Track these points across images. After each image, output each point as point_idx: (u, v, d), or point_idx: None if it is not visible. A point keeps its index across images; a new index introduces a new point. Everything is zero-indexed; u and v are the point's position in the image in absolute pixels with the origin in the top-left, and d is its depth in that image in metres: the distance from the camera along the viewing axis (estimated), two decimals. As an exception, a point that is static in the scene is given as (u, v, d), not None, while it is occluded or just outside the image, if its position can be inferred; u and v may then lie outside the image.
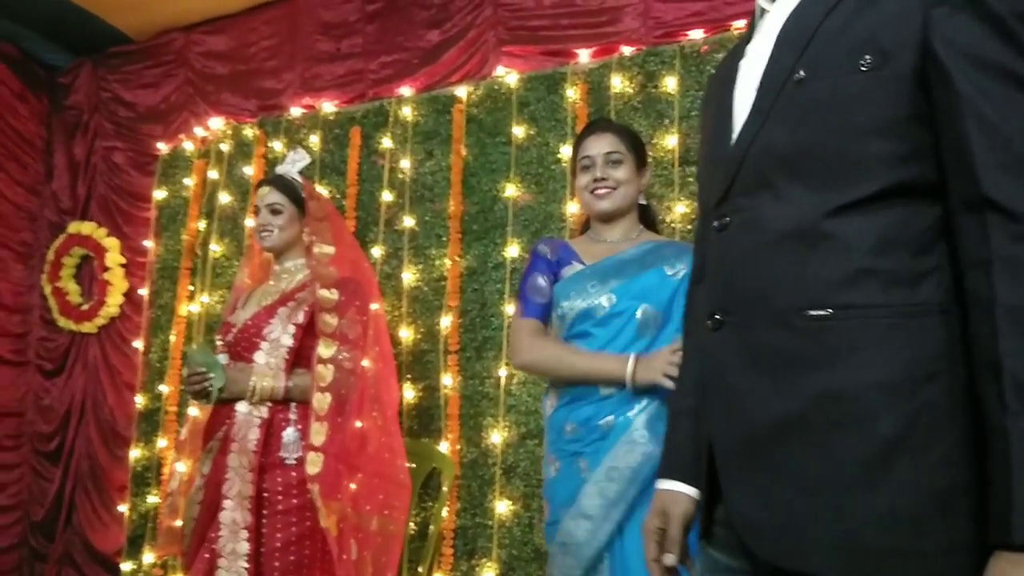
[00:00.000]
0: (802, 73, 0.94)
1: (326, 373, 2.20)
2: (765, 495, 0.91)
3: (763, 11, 1.09)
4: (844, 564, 0.84)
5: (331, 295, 2.30)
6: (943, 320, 0.86)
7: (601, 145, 1.92)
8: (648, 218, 2.05)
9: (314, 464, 2.12)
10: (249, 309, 2.40)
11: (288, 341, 2.28)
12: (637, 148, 1.97)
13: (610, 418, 1.72)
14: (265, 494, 2.15)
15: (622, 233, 1.94)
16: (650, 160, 2.99)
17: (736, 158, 1.00)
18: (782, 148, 0.95)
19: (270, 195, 2.44)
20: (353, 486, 2.20)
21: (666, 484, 1.11)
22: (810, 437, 0.88)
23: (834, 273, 0.89)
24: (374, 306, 2.84)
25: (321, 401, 2.17)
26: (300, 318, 2.31)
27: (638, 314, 1.78)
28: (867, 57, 0.89)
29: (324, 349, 2.23)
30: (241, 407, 2.23)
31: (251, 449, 2.16)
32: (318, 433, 2.14)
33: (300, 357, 2.29)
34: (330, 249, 2.39)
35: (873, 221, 0.89)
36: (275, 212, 2.42)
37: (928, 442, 0.83)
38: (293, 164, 2.56)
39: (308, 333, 2.30)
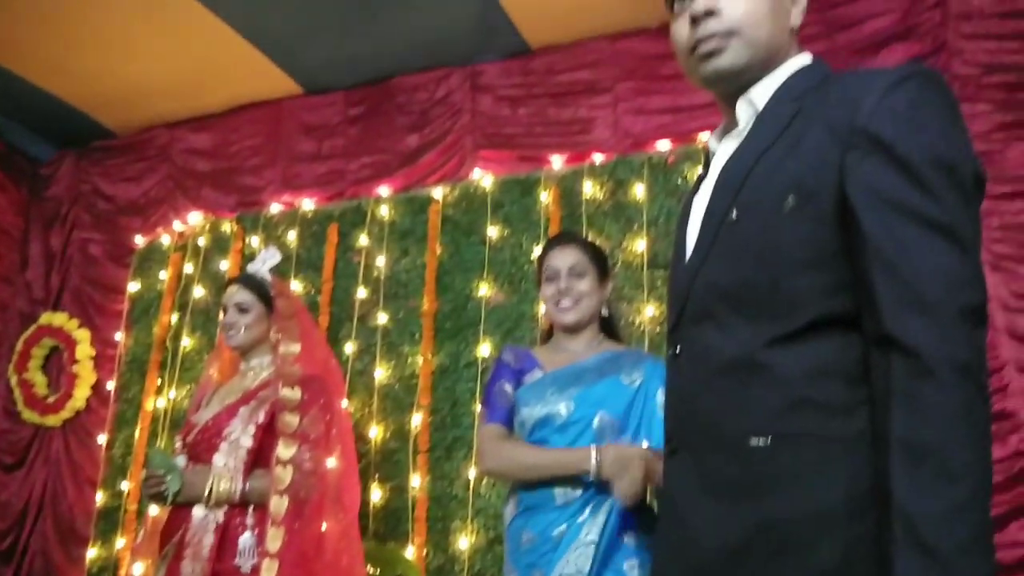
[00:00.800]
0: (735, 213, 1.00)
1: (285, 475, 2.16)
2: None
3: (713, 152, 1.17)
4: None
5: (294, 394, 2.28)
6: (879, 451, 0.87)
7: (565, 258, 1.98)
8: (609, 328, 2.10)
9: (269, 571, 2.05)
10: (211, 409, 2.38)
11: (248, 442, 2.25)
12: (599, 261, 2.03)
13: (563, 527, 1.72)
14: None
15: (584, 343, 1.99)
16: (619, 264, 3.09)
17: (684, 290, 1.06)
18: (722, 282, 1.00)
19: (238, 294, 2.46)
20: None
21: None
22: (753, 566, 0.90)
23: (773, 403, 0.92)
24: (343, 403, 2.84)
25: (279, 505, 2.12)
26: (261, 418, 2.28)
27: (595, 422, 1.82)
28: (791, 198, 0.95)
29: (284, 450, 2.19)
30: (197, 511, 2.18)
31: (205, 556, 2.10)
32: (274, 538, 2.08)
33: (260, 458, 2.25)
34: (296, 347, 2.39)
35: (807, 352, 0.93)
36: (242, 311, 2.43)
37: (863, 574, 0.85)
38: (264, 262, 2.60)
39: (268, 433, 2.26)
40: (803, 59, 1.11)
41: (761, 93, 1.07)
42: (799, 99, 1.02)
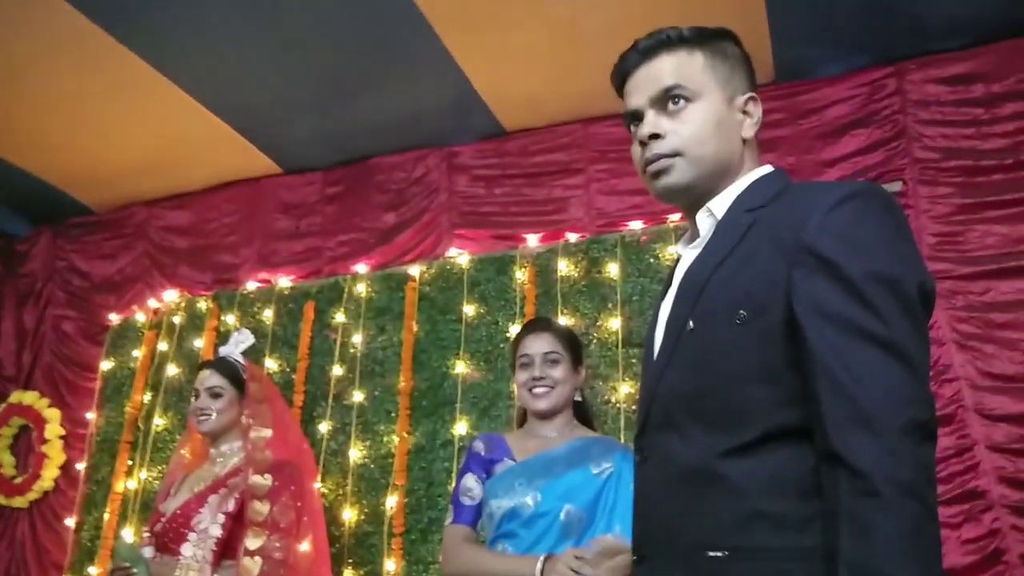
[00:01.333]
0: (691, 324, 1.02)
1: (252, 567, 2.13)
2: None
3: (679, 258, 1.20)
4: None
5: (264, 481, 2.26)
6: (828, 567, 0.87)
7: (540, 345, 2.01)
8: (583, 414, 2.10)
9: None
10: (180, 497, 2.34)
11: (217, 531, 2.22)
12: (574, 347, 2.06)
13: None
14: None
15: (556, 429, 2.00)
16: (594, 341, 3.11)
17: (648, 397, 1.08)
18: (681, 390, 1.02)
19: (211, 378, 2.45)
20: None
21: None
22: None
23: (728, 515, 0.93)
24: (316, 484, 2.79)
25: None
26: (230, 506, 2.25)
27: (562, 515, 1.81)
28: (742, 312, 0.97)
29: (252, 540, 2.16)
30: None
31: None
32: None
33: (228, 548, 2.22)
34: (267, 432, 2.38)
35: (760, 464, 0.93)
36: (215, 396, 2.42)
37: None
38: (236, 345, 2.59)
39: (238, 522, 2.24)
40: (763, 170, 1.13)
41: (720, 204, 1.10)
42: (755, 211, 1.04)
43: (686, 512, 0.97)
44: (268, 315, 3.72)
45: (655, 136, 1.09)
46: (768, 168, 1.14)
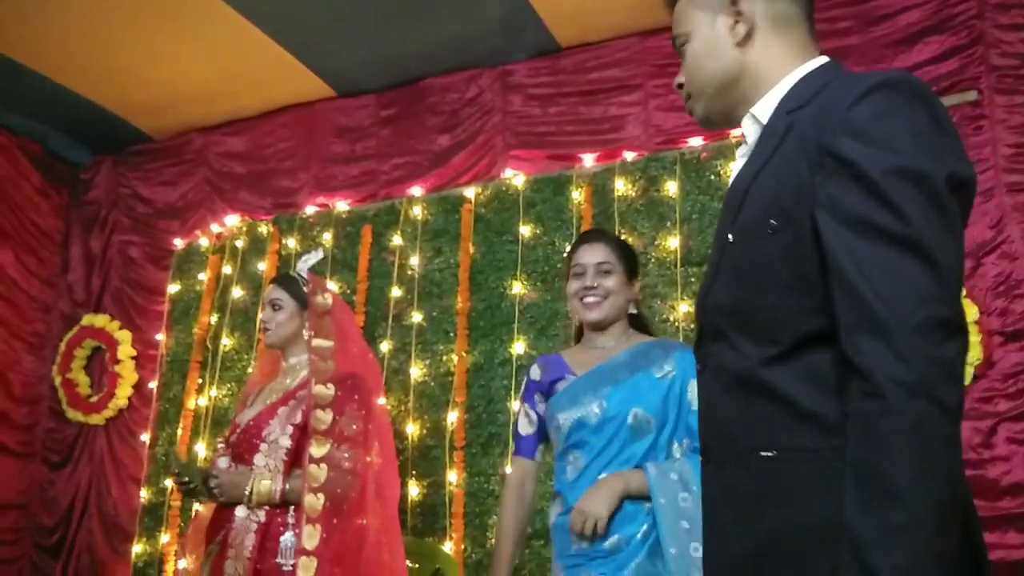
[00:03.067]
0: (731, 237, 1.03)
1: (319, 473, 2.16)
2: None
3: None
4: None
5: (327, 391, 2.27)
6: None
7: (593, 255, 1.97)
8: (640, 326, 2.07)
9: (306, 570, 2.05)
10: (254, 409, 2.41)
11: (286, 442, 2.26)
12: (628, 259, 2.01)
13: (614, 539, 1.74)
14: None
15: (614, 339, 1.98)
16: (652, 261, 3.09)
17: (700, 310, 1.11)
18: (724, 303, 1.04)
19: (272, 292, 2.49)
20: None
21: None
22: (764, 570, 0.94)
23: (776, 418, 0.95)
24: (380, 400, 2.84)
25: (314, 503, 2.12)
26: (298, 418, 2.29)
27: (629, 419, 1.82)
28: (773, 222, 0.96)
29: (316, 448, 2.19)
30: (239, 511, 2.21)
31: (247, 556, 2.13)
32: (311, 537, 2.08)
33: (299, 458, 2.26)
34: (328, 343, 2.39)
35: (801, 369, 0.94)
36: (276, 308, 2.45)
37: None
38: (305, 262, 2.63)
39: (306, 433, 2.26)
40: (813, 64, 1.08)
41: (764, 108, 1.07)
42: (794, 112, 1.01)
43: (738, 416, 1.00)
44: (327, 238, 3.78)
45: (681, 86, 1.18)
46: (819, 61, 1.08)
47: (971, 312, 2.63)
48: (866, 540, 0.81)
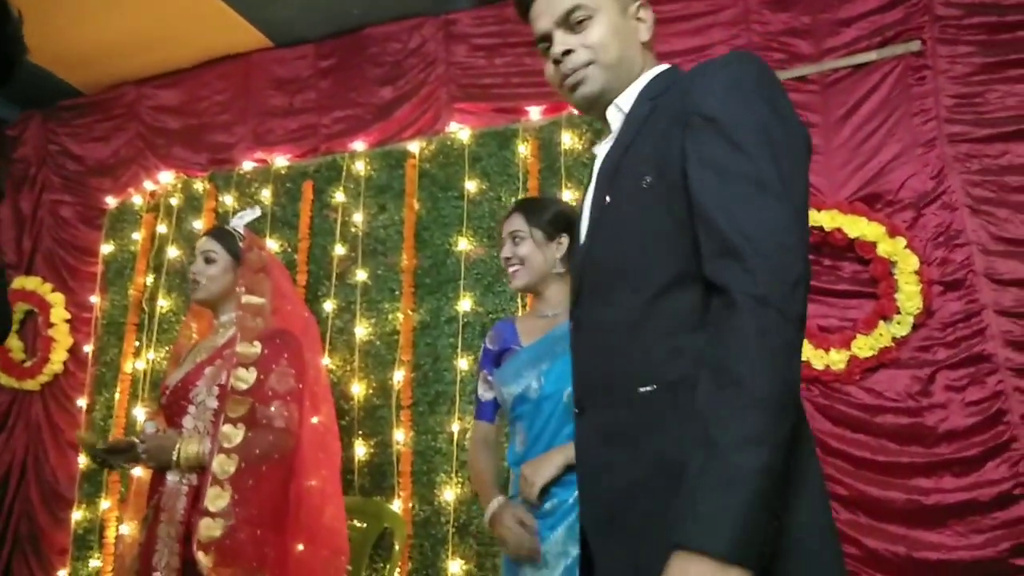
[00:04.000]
0: (608, 198, 1.15)
1: (233, 434, 2.08)
2: (621, 552, 1.05)
3: (595, 158, 1.31)
4: None
5: (252, 349, 2.18)
6: None
7: (508, 225, 2.05)
8: None
9: (209, 529, 1.98)
10: (183, 369, 2.31)
11: (213, 403, 2.18)
12: (543, 221, 2.01)
13: (553, 502, 1.83)
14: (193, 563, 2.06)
15: (555, 304, 2.00)
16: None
17: (577, 270, 1.21)
18: (603, 258, 1.15)
19: (205, 243, 2.38)
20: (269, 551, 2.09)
21: None
22: (652, 496, 1.02)
23: (654, 355, 1.06)
24: (325, 361, 2.77)
25: (225, 464, 2.04)
26: (223, 378, 2.20)
27: (564, 397, 1.85)
28: (647, 178, 1.09)
29: (232, 409, 2.10)
30: (171, 476, 2.14)
31: (178, 519, 2.07)
32: (218, 498, 2.01)
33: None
34: (259, 300, 2.29)
35: (675, 308, 1.05)
36: (208, 261, 2.34)
37: None
38: (241, 218, 2.52)
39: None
40: (660, 67, 1.25)
41: (626, 99, 1.22)
42: (654, 99, 1.16)
43: (616, 361, 1.09)
44: (266, 195, 3.66)
45: (567, 52, 1.22)
46: (665, 65, 1.26)
47: (911, 262, 2.65)
48: (711, 419, 0.91)
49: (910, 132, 2.79)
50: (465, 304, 3.19)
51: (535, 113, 3.31)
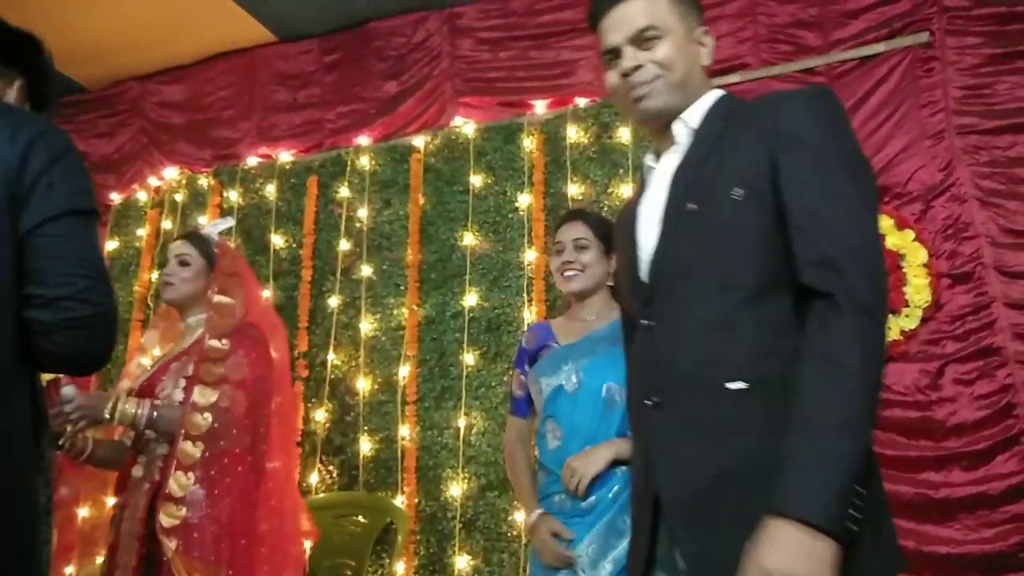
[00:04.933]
0: (694, 205, 1.22)
1: (201, 422, 2.04)
2: (711, 536, 1.12)
3: (651, 169, 1.38)
4: None
5: (221, 345, 2.16)
6: None
7: (571, 232, 2.12)
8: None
9: (171, 517, 1.95)
10: (150, 370, 2.32)
11: (179, 395, 2.15)
12: (605, 236, 2.11)
13: (592, 499, 1.88)
14: (158, 556, 2.02)
15: (595, 312, 2.09)
16: (606, 208, 3.05)
17: (653, 272, 1.26)
18: (687, 262, 1.22)
19: (180, 247, 2.37)
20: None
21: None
22: (744, 487, 1.10)
23: (745, 355, 1.14)
24: (330, 356, 2.72)
25: (191, 451, 2.02)
26: (190, 370, 2.18)
27: (603, 391, 1.93)
28: (738, 190, 1.17)
29: (199, 395, 2.06)
30: (135, 471, 2.12)
31: (138, 516, 2.04)
32: (182, 486, 1.98)
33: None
34: (230, 300, 2.26)
35: (765, 311, 1.15)
36: (182, 263, 2.33)
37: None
38: (215, 226, 2.53)
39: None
40: (718, 92, 1.34)
41: (693, 116, 1.30)
42: (725, 118, 1.27)
43: (704, 358, 1.16)
44: (271, 190, 3.65)
45: (637, 68, 1.29)
46: (721, 91, 1.35)
47: (920, 255, 2.63)
48: (817, 402, 1.03)
49: (918, 124, 2.77)
50: (471, 299, 3.18)
51: (540, 107, 3.30)
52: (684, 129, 1.30)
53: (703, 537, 1.12)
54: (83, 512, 2.50)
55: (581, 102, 3.24)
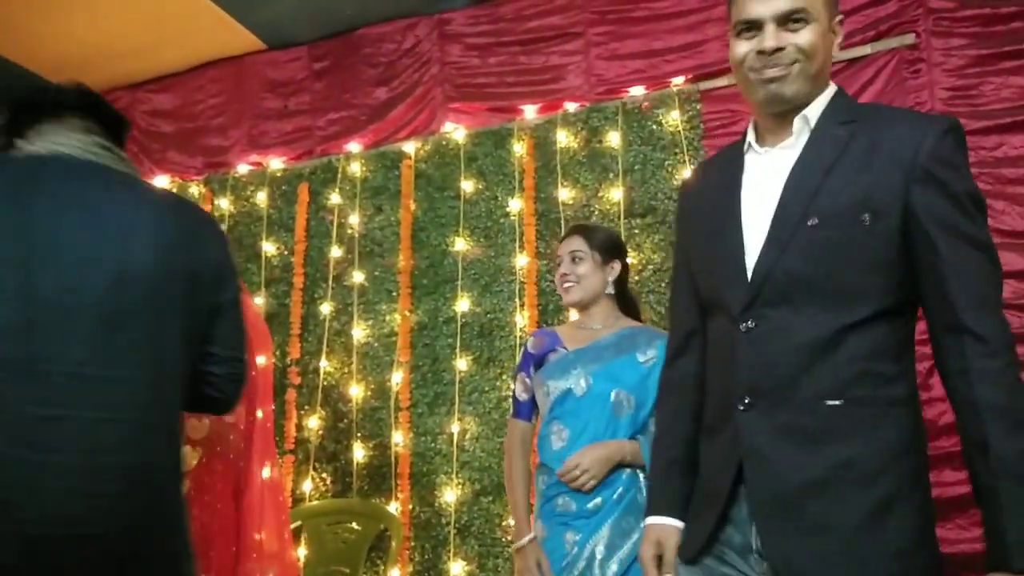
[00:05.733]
0: (816, 220, 1.24)
1: (199, 427, 2.06)
2: (796, 537, 1.20)
3: (756, 154, 1.37)
4: None
5: None
6: (913, 409, 1.22)
7: (568, 245, 2.20)
8: (628, 306, 2.24)
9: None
10: None
11: None
12: (603, 246, 2.20)
13: (598, 500, 1.93)
14: None
15: (601, 320, 2.15)
16: (596, 212, 3.06)
17: (760, 275, 1.27)
18: (801, 274, 1.24)
19: None
20: None
21: (658, 520, 1.42)
22: (830, 494, 1.19)
23: (844, 373, 1.21)
24: (323, 363, 2.70)
25: (190, 456, 2.03)
26: None
27: (612, 396, 1.98)
28: (866, 216, 1.21)
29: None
30: None
31: None
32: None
33: None
34: None
35: (869, 335, 1.21)
36: None
37: (911, 498, 1.18)
38: None
39: None
40: (833, 88, 1.35)
41: (813, 111, 1.31)
42: (847, 124, 1.28)
43: (804, 371, 1.22)
44: (262, 198, 3.65)
45: (780, 49, 1.28)
46: (834, 87, 1.35)
47: (909, 256, 2.65)
48: (1014, 456, 1.11)
49: (906, 125, 2.78)
50: (463, 304, 3.19)
51: (530, 112, 3.31)
52: (803, 126, 1.31)
53: (792, 536, 1.20)
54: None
55: (571, 107, 3.25)
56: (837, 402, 1.19)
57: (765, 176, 1.33)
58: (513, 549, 2.04)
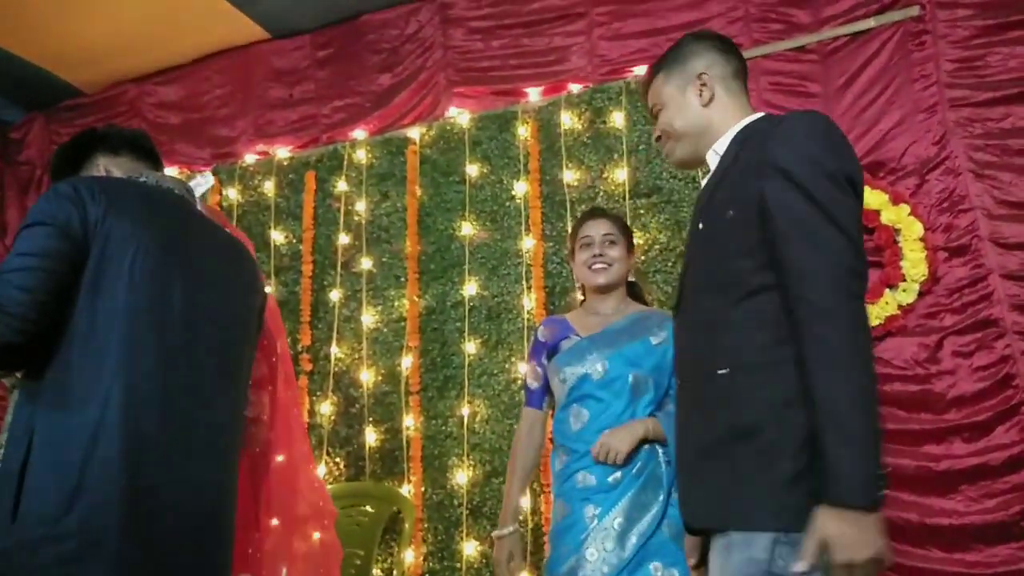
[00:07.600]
0: (701, 225, 1.46)
1: None
2: (697, 491, 1.38)
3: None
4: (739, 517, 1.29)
5: None
6: (794, 369, 1.26)
7: (600, 227, 2.18)
8: (635, 293, 2.25)
9: None
10: None
11: None
12: (627, 233, 2.22)
13: (618, 474, 1.96)
14: None
15: (613, 306, 2.16)
16: (601, 193, 3.06)
17: (680, 280, 1.53)
18: (697, 271, 1.46)
19: None
20: None
21: None
22: (729, 447, 1.32)
23: (732, 345, 1.35)
24: (333, 349, 2.70)
25: None
26: None
27: (630, 379, 2.01)
28: (731, 212, 1.37)
29: None
30: None
31: None
32: None
33: None
34: None
35: (748, 310, 1.34)
36: None
37: (799, 445, 1.24)
38: (198, 185, 2.51)
39: None
40: (753, 116, 1.50)
41: (722, 144, 1.49)
42: (741, 142, 1.44)
43: (703, 349, 1.40)
44: (269, 187, 3.67)
45: (658, 137, 1.60)
46: (758, 115, 1.50)
47: (916, 229, 2.64)
48: (833, 399, 1.19)
49: (911, 98, 2.77)
50: (470, 288, 3.20)
51: (534, 94, 3.31)
52: (715, 157, 1.51)
53: (690, 491, 1.41)
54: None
55: (574, 88, 3.25)
56: (725, 371, 1.34)
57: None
58: (494, 536, 2.08)
